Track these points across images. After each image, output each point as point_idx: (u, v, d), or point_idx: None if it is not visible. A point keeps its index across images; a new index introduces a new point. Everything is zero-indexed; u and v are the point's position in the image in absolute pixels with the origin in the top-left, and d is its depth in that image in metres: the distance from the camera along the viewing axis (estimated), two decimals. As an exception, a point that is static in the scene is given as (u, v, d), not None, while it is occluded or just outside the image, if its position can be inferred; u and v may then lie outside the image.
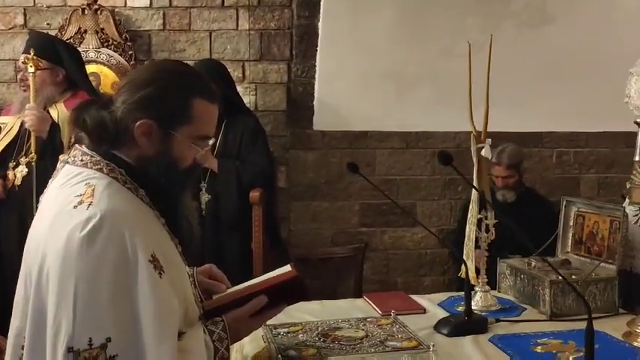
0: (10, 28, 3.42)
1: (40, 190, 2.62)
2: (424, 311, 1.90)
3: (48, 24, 3.34)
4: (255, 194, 2.93)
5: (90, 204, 1.09)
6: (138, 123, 1.17)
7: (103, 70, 3.34)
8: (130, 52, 3.36)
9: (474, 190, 1.97)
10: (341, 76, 3.48)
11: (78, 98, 2.87)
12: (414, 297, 2.05)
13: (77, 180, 1.15)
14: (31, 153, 2.67)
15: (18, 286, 1.21)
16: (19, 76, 2.78)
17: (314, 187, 3.58)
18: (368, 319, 1.68)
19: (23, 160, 2.74)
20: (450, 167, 1.68)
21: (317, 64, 3.45)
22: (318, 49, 3.41)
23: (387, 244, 3.65)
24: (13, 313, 1.21)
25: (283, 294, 1.29)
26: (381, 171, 3.57)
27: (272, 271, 1.40)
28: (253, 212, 2.95)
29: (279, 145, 3.48)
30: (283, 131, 3.51)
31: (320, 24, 3.33)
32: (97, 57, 3.33)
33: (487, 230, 1.94)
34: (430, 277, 3.67)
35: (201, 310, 1.27)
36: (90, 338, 1.03)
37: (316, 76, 3.47)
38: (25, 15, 3.40)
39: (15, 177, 2.72)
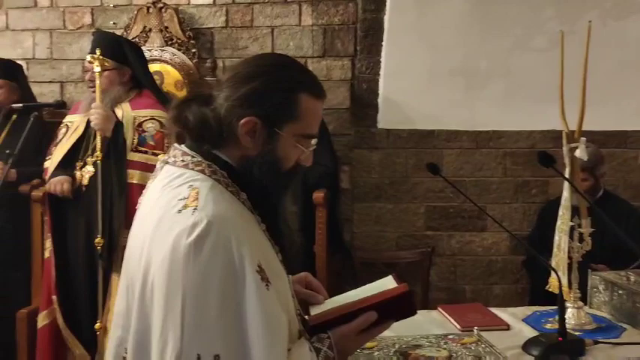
0: (78, 28, 3.47)
1: (106, 189, 2.66)
2: (508, 327, 1.74)
3: (114, 23, 3.36)
4: (319, 195, 2.82)
5: (195, 208, 1.02)
6: (243, 121, 1.09)
7: (166, 69, 3.32)
8: (193, 50, 3.34)
9: (564, 195, 1.79)
10: (407, 72, 3.33)
11: (143, 98, 2.87)
12: (494, 310, 1.89)
13: (179, 182, 1.08)
14: (97, 152, 2.66)
15: (119, 294, 1.16)
16: (86, 77, 2.78)
17: (378, 188, 3.44)
18: (449, 337, 1.54)
19: (90, 159, 2.74)
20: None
21: (382, 59, 3.31)
22: (383, 44, 3.27)
23: (455, 249, 3.46)
24: (113, 322, 1.17)
25: (391, 309, 1.18)
26: (449, 172, 3.39)
27: (367, 282, 1.29)
28: (317, 213, 2.84)
29: (343, 144, 3.36)
30: (347, 130, 3.38)
31: (386, 18, 3.19)
32: (161, 56, 3.32)
33: (581, 240, 1.75)
34: (501, 285, 3.46)
35: (301, 323, 1.18)
36: (198, 355, 0.96)
37: (381, 72, 3.33)
38: (92, 15, 3.44)
39: (82, 177, 2.72)
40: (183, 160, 1.12)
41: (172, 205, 1.04)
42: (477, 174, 3.45)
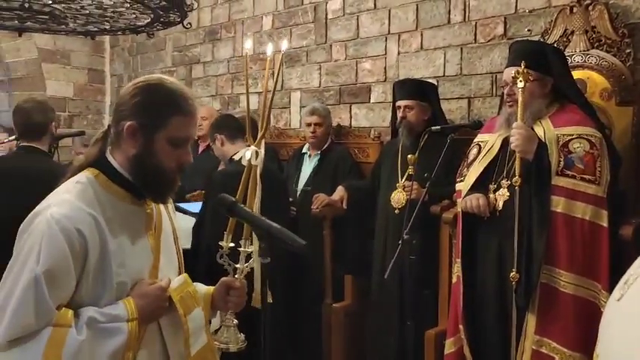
0: (488, 41, 3.29)
1: (524, 217, 2.35)
2: None
3: (528, 30, 3.05)
4: None
5: None
6: None
7: (590, 76, 2.81)
8: (628, 51, 2.72)
9: None
10: None
11: (566, 112, 2.47)
12: None
13: None
14: (514, 176, 2.39)
15: None
16: (505, 91, 2.55)
17: None
18: None
19: (504, 182, 2.50)
20: None
21: None
22: None
23: None
24: None
25: None
26: None
27: None
28: None
29: None
30: None
31: None
32: (584, 61, 2.82)
33: None
34: None
35: None
36: None
37: None
38: (505, 24, 3.22)
39: (496, 200, 2.50)
40: None
41: None
42: None
